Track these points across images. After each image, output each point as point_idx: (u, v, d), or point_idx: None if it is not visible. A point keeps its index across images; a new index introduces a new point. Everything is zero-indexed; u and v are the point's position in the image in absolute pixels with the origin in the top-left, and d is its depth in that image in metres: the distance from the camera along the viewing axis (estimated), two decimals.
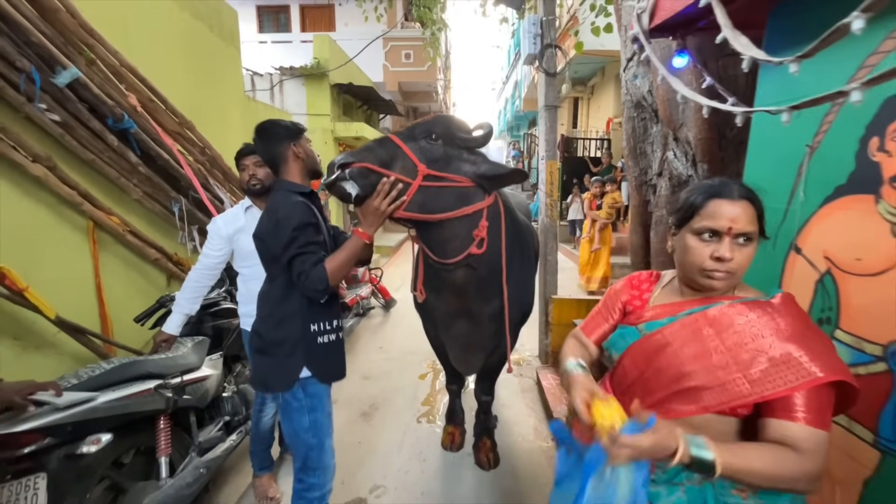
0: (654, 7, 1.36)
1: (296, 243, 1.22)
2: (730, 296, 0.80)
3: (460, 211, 1.39)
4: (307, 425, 1.34)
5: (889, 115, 0.91)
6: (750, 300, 0.77)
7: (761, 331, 0.73)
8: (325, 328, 1.35)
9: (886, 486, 0.91)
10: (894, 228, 0.90)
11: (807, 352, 0.69)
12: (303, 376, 1.31)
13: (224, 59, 3.52)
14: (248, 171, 1.75)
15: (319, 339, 1.33)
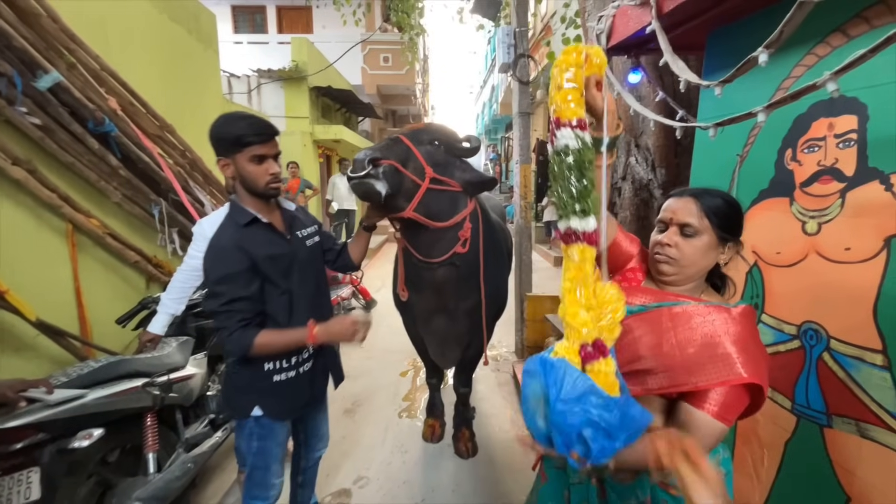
0: (610, 29, 1.51)
1: (218, 300, 1.09)
2: (697, 297, 0.88)
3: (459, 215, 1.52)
4: (255, 450, 1.29)
5: (799, 131, 1.07)
6: (713, 304, 0.84)
7: (714, 332, 0.79)
8: (281, 366, 1.24)
9: (801, 445, 1.07)
10: (804, 226, 1.06)
11: (743, 356, 0.76)
12: (254, 414, 1.24)
13: (202, 62, 3.53)
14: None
15: (276, 378, 1.23)
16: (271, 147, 1.14)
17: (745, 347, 0.77)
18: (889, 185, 0.88)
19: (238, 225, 1.14)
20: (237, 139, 1.08)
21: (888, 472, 0.87)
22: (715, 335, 0.78)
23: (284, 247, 1.21)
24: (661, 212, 0.90)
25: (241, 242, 1.12)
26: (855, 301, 0.93)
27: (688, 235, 0.84)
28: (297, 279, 1.23)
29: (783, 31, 0.80)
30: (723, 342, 0.77)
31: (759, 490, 1.19)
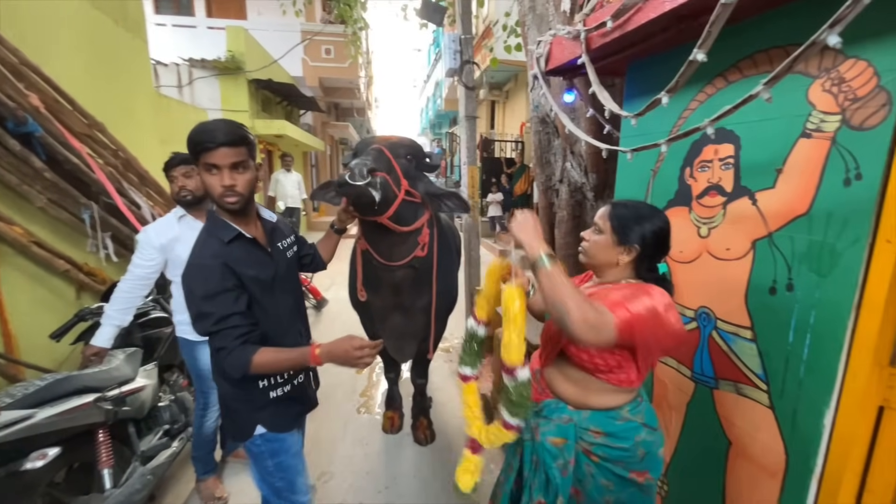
0: (548, 54, 1.70)
1: (209, 320, 1.04)
2: (614, 282, 1.08)
3: (419, 222, 1.64)
4: (271, 469, 1.24)
5: (694, 154, 1.33)
6: (622, 283, 1.06)
7: (612, 293, 1.01)
8: (276, 382, 1.21)
9: (698, 405, 1.34)
10: (699, 231, 1.32)
11: (626, 292, 0.99)
12: (258, 433, 1.21)
13: (130, 53, 3.28)
14: (178, 183, 1.76)
15: (272, 394, 1.21)
16: (223, 156, 1.03)
17: (630, 293, 0.98)
18: (754, 200, 1.14)
19: (221, 242, 1.09)
20: (192, 146, 1.04)
21: (754, 418, 1.14)
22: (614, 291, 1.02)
23: (268, 264, 1.18)
24: None
25: (227, 260, 1.07)
26: (733, 290, 1.20)
27: (596, 233, 1.09)
28: (278, 295, 1.21)
29: (678, 82, 1.01)
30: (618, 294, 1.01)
31: (669, 443, 1.46)
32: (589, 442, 1.08)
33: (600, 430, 1.07)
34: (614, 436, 1.07)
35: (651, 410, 1.13)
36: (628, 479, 1.07)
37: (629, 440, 1.06)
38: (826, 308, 0.98)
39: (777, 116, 1.08)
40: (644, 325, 0.93)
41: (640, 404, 1.11)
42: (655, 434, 1.10)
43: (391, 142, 1.59)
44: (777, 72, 0.76)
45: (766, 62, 1.10)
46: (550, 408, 1.14)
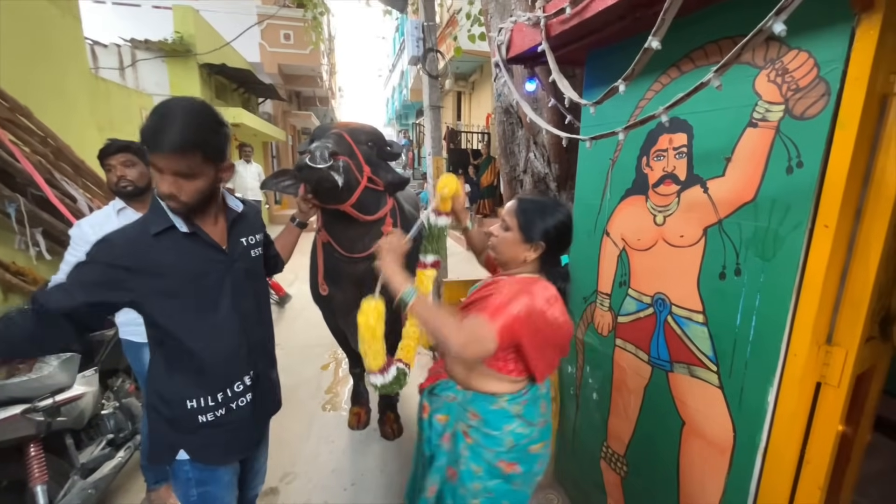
0: (509, 41, 1.68)
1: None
2: (511, 275, 1.16)
3: (382, 211, 1.58)
4: (194, 499, 1.09)
5: (651, 143, 1.35)
6: (516, 277, 1.14)
7: (502, 288, 1.11)
8: (206, 405, 1.05)
9: (654, 388, 1.38)
10: (655, 219, 1.35)
11: (509, 292, 1.05)
12: (180, 458, 1.07)
13: (61, 31, 2.98)
14: (116, 172, 1.61)
15: (201, 418, 1.05)
16: (167, 162, 0.90)
17: (508, 293, 1.04)
18: (706, 188, 1.17)
19: (147, 234, 0.96)
20: (141, 139, 0.91)
21: (706, 398, 1.19)
22: (502, 290, 1.09)
23: (217, 263, 1.04)
24: None
25: (136, 255, 0.94)
26: (686, 276, 1.23)
27: (504, 229, 1.14)
28: (227, 302, 1.05)
29: (634, 70, 1.01)
30: (495, 295, 1.09)
31: (628, 426, 1.50)
32: (467, 423, 1.14)
33: (477, 413, 1.13)
34: (486, 421, 1.11)
35: (535, 406, 1.15)
36: (495, 467, 1.10)
37: (498, 428, 1.10)
38: (770, 291, 1.02)
39: (726, 106, 1.11)
40: (523, 325, 1.00)
41: (523, 396, 1.13)
42: (531, 428, 1.12)
43: (351, 127, 1.53)
44: (726, 59, 0.78)
45: (716, 52, 1.13)
46: (441, 386, 1.23)
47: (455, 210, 1.42)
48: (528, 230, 1.10)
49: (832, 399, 0.98)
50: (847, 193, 0.88)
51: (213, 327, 1.04)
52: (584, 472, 1.77)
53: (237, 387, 1.10)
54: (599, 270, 1.62)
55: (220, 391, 1.07)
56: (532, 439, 1.12)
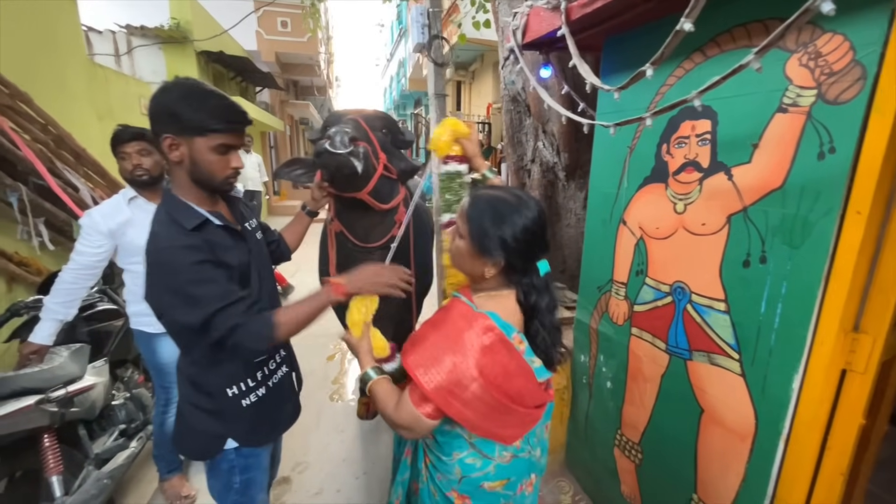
0: (525, 26, 1.65)
1: (208, 302, 0.88)
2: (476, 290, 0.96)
3: (395, 200, 1.56)
4: (237, 486, 1.11)
5: (672, 130, 1.33)
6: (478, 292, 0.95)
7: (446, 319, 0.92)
8: (248, 387, 1.06)
9: (672, 376, 1.38)
10: (675, 207, 1.34)
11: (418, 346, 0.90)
12: (228, 447, 1.07)
13: (57, 16, 2.90)
14: (132, 161, 1.58)
15: (244, 402, 1.06)
16: (239, 137, 0.98)
17: (425, 338, 0.89)
18: (730, 175, 1.16)
19: (182, 229, 0.92)
20: (204, 122, 0.90)
21: (727, 386, 1.19)
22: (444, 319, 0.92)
23: (241, 247, 1.04)
24: None
25: (191, 244, 0.92)
26: (708, 264, 1.23)
27: (458, 237, 0.93)
28: (256, 282, 1.06)
29: (663, 53, 0.99)
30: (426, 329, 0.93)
31: (643, 414, 1.51)
32: (427, 441, 1.01)
33: (433, 433, 0.97)
34: (437, 443, 0.98)
35: (491, 442, 0.95)
36: (447, 496, 0.97)
37: (448, 454, 0.96)
38: (797, 278, 1.01)
39: (754, 91, 1.09)
40: (457, 402, 0.84)
41: None
42: (484, 461, 0.94)
43: (366, 114, 1.50)
44: (769, 40, 0.76)
45: (744, 37, 1.11)
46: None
47: (468, 154, 1.22)
48: (481, 241, 0.88)
49: (858, 386, 0.98)
50: (881, 179, 0.87)
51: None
52: (597, 460, 1.78)
53: (272, 364, 1.13)
54: (615, 259, 1.61)
55: (258, 370, 1.09)
56: (486, 474, 0.94)
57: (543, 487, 1.93)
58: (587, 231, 1.79)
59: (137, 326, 1.71)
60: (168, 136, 0.90)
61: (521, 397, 0.90)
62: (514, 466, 0.97)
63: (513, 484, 0.97)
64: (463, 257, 0.93)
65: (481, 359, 0.83)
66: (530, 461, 1.01)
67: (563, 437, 2.02)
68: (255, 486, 1.15)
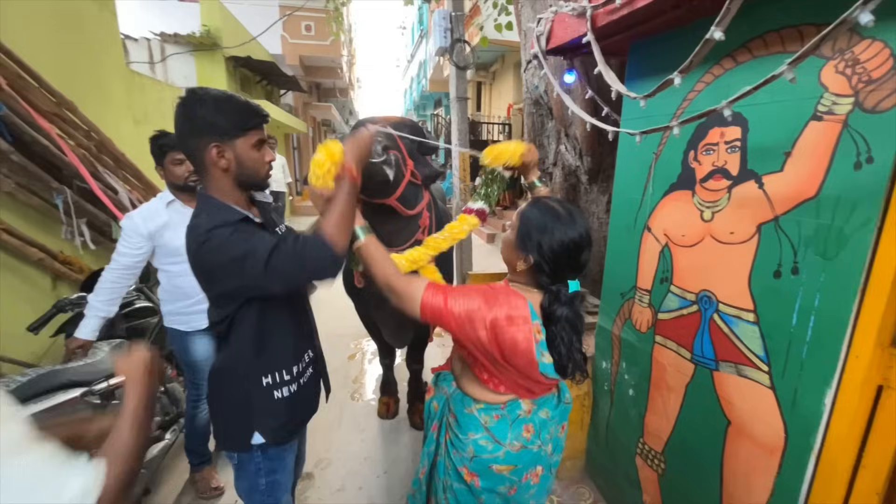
0: (549, 32, 1.65)
1: (262, 245, 0.91)
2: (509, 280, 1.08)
3: (420, 205, 1.60)
4: (263, 487, 1.14)
5: (699, 137, 1.31)
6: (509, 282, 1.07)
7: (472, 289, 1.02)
8: (282, 379, 1.09)
9: (697, 386, 1.36)
10: (702, 214, 1.32)
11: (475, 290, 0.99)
12: (255, 442, 1.09)
13: (99, 26, 3.06)
14: (185, 167, 1.65)
15: (276, 394, 1.08)
16: (264, 132, 1.04)
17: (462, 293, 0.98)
18: (761, 183, 1.14)
19: (228, 222, 0.95)
20: (242, 122, 0.96)
21: (755, 399, 1.17)
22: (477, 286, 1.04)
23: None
24: None
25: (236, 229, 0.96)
26: (736, 273, 1.21)
27: (510, 227, 1.04)
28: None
29: (692, 62, 0.98)
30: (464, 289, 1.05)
31: (667, 424, 1.49)
32: (450, 419, 1.14)
33: (454, 412, 1.11)
34: (458, 423, 1.09)
35: (509, 426, 1.04)
36: (459, 471, 1.07)
37: (464, 433, 1.07)
38: (831, 290, 0.99)
39: (787, 99, 1.07)
40: (453, 322, 0.95)
41: (498, 410, 1.06)
42: (496, 445, 1.03)
43: (394, 121, 1.53)
44: (803, 51, 0.74)
45: (777, 43, 1.09)
46: (443, 377, 1.24)
47: (525, 164, 1.31)
48: (522, 238, 0.98)
49: (895, 403, 0.95)
50: None
51: (290, 304, 1.12)
52: (618, 468, 1.77)
53: (302, 363, 1.17)
54: (639, 266, 1.60)
55: (293, 365, 1.12)
56: (496, 458, 1.03)
57: (563, 493, 1.92)
58: (610, 237, 1.78)
59: (171, 325, 1.78)
60: (214, 145, 0.94)
61: (516, 367, 0.98)
62: (522, 455, 1.05)
63: (519, 471, 1.05)
64: (506, 246, 1.05)
65: (502, 321, 0.92)
66: (539, 454, 1.07)
67: (583, 443, 2.01)
68: (280, 489, 1.19)
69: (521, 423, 1.05)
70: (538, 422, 1.07)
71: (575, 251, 0.95)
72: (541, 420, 1.08)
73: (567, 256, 0.95)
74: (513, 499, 1.08)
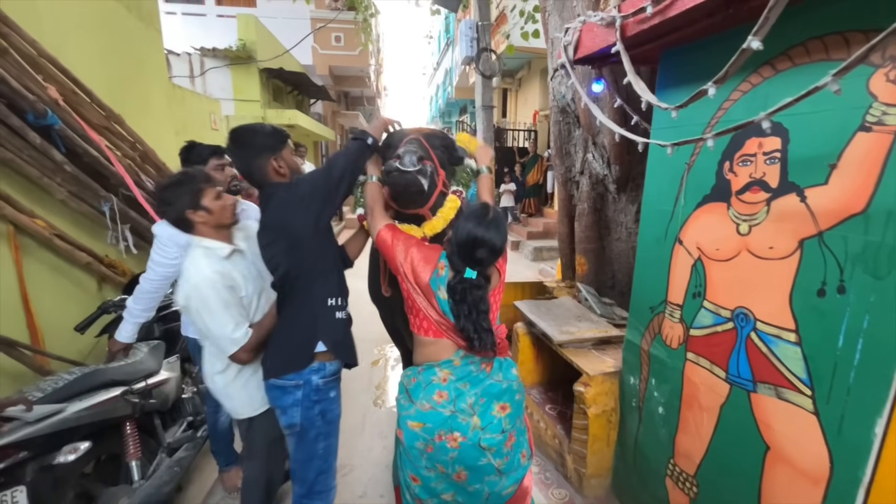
0: (577, 42, 1.63)
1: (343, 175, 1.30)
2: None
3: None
4: (321, 451, 1.34)
5: (735, 147, 1.26)
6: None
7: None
8: (340, 303, 1.34)
9: (733, 407, 1.30)
10: (739, 228, 1.27)
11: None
12: (318, 350, 1.30)
13: (144, 43, 3.25)
14: (227, 173, 1.77)
15: (338, 315, 1.33)
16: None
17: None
18: (803, 196, 1.08)
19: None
20: (281, 137, 1.31)
21: (797, 424, 1.10)
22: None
23: None
24: None
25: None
26: (776, 290, 1.15)
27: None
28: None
29: (728, 72, 0.95)
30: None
31: (699, 445, 1.43)
32: None
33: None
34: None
35: (419, 387, 1.23)
36: (396, 431, 1.30)
37: (396, 395, 1.33)
38: (882, 312, 0.93)
39: (831, 108, 1.02)
40: (390, 251, 1.28)
41: (415, 374, 1.26)
42: (409, 403, 1.23)
43: (426, 132, 1.56)
44: (851, 60, 0.71)
45: (820, 50, 1.04)
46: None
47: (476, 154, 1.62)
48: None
49: None
50: None
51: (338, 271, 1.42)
52: (647, 489, 1.70)
53: (347, 299, 1.42)
54: (670, 279, 1.55)
55: (345, 296, 1.39)
56: (409, 414, 1.21)
57: None
58: (639, 249, 1.73)
59: (195, 335, 1.81)
60: (272, 159, 1.27)
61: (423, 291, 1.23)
62: (431, 415, 1.18)
63: (430, 430, 1.18)
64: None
65: (415, 247, 1.28)
66: (453, 419, 1.18)
67: (609, 460, 1.95)
68: (333, 454, 1.40)
69: (434, 388, 1.21)
70: (453, 389, 1.20)
71: (469, 244, 1.16)
72: (457, 389, 1.20)
73: (465, 245, 1.16)
74: (433, 457, 1.19)
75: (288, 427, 1.33)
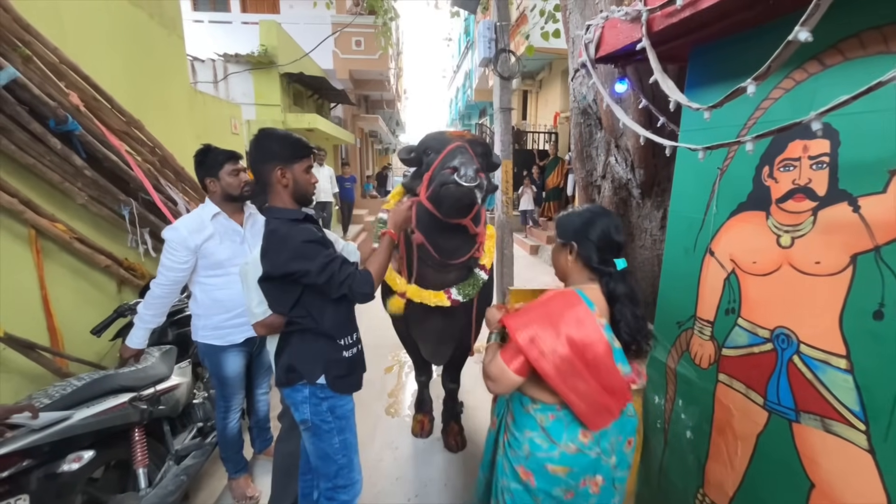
0: (599, 40, 1.54)
1: (329, 261, 1.22)
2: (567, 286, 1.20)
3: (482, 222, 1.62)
4: (337, 446, 1.38)
5: (776, 151, 1.15)
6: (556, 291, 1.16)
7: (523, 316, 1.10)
8: (351, 341, 1.39)
9: (772, 437, 1.18)
10: (779, 239, 1.15)
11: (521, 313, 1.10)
12: (319, 382, 1.33)
13: (167, 50, 3.31)
14: (241, 178, 1.74)
15: (346, 354, 1.36)
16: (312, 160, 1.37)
17: (528, 308, 1.10)
18: (857, 206, 0.96)
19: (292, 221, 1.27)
20: (298, 152, 1.28)
21: (848, 462, 0.98)
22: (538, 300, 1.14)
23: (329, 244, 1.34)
24: None
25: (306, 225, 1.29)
26: (823, 310, 1.03)
27: (553, 240, 1.21)
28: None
29: (771, 67, 0.85)
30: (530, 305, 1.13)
31: (733, 476, 1.30)
32: (508, 419, 1.20)
33: (512, 412, 1.18)
34: (515, 421, 1.16)
35: (565, 427, 1.10)
36: (515, 470, 1.12)
37: (520, 430, 1.13)
38: None
39: (890, 107, 0.90)
40: (545, 364, 1.01)
41: (554, 411, 1.11)
42: (551, 445, 1.09)
43: (468, 139, 1.52)
44: None
45: (879, 42, 0.92)
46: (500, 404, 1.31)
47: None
48: (561, 232, 1.16)
49: None
50: None
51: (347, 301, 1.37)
52: None
53: (357, 336, 1.43)
54: (699, 293, 1.43)
55: (354, 333, 1.42)
56: (550, 457, 1.08)
57: None
58: (666, 259, 1.62)
59: (206, 340, 1.79)
60: (278, 168, 1.26)
61: (598, 369, 1.05)
62: (577, 458, 1.08)
63: (575, 475, 1.08)
64: (553, 255, 1.22)
65: (571, 327, 1.03)
66: (598, 462, 1.09)
67: (632, 483, 1.83)
68: (352, 449, 1.43)
69: (577, 427, 1.09)
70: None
71: (603, 227, 1.12)
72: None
73: (599, 231, 1.11)
74: (564, 500, 1.09)
75: (301, 423, 1.39)
